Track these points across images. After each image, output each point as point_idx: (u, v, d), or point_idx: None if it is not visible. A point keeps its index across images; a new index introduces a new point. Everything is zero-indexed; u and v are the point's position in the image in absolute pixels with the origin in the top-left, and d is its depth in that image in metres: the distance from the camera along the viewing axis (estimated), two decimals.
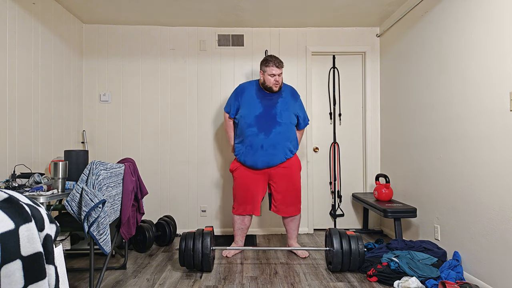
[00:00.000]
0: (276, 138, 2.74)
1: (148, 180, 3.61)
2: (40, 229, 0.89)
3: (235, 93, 2.92)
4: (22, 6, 2.61)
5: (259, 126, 2.75)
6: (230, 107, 2.91)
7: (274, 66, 2.74)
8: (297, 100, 2.94)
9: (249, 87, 2.89)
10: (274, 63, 2.75)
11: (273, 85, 2.78)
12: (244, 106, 2.83)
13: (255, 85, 2.90)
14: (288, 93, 2.89)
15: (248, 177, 2.82)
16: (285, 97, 2.86)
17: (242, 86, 2.93)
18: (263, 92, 2.84)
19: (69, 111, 3.31)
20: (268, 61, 2.77)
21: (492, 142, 2.07)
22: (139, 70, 3.65)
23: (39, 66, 2.83)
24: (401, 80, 3.24)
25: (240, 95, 2.88)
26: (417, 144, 2.95)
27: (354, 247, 2.42)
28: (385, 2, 3.13)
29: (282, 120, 2.77)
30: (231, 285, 2.29)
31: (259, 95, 2.84)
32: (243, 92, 2.87)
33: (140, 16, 3.40)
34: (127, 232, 2.43)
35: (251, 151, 2.75)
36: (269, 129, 2.74)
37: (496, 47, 2.05)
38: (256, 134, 2.74)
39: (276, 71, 2.75)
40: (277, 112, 2.78)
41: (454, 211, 2.44)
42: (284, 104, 2.82)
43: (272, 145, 2.73)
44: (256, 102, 2.81)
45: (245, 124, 2.79)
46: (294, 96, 2.92)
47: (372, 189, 3.73)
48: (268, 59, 2.78)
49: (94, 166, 2.03)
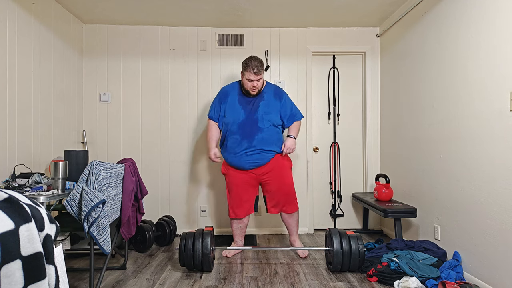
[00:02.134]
0: (259, 144, 2.71)
1: (148, 180, 3.61)
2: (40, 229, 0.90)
3: (219, 99, 2.86)
4: (22, 6, 2.61)
5: (241, 133, 2.72)
6: (214, 112, 2.87)
7: (252, 72, 2.65)
8: (281, 99, 2.83)
9: (232, 92, 2.83)
10: (253, 69, 2.65)
11: (250, 90, 2.72)
12: (227, 113, 2.79)
13: (237, 88, 2.84)
14: (270, 94, 2.81)
15: (239, 179, 2.80)
16: (267, 99, 2.78)
17: (225, 91, 2.87)
18: (245, 97, 2.79)
19: (69, 111, 3.31)
20: (247, 66, 2.68)
21: (492, 142, 2.07)
22: (139, 70, 3.65)
23: (39, 66, 2.83)
24: (401, 80, 3.24)
25: (223, 101, 2.83)
26: (417, 144, 2.95)
27: (354, 247, 2.42)
28: (385, 2, 3.13)
29: (264, 125, 2.72)
30: (231, 285, 2.29)
31: (241, 100, 2.79)
32: (226, 98, 2.82)
33: (140, 16, 3.40)
34: (127, 232, 2.43)
35: (236, 157, 2.75)
36: (252, 136, 2.71)
37: (496, 47, 2.05)
38: (239, 141, 2.73)
39: (253, 77, 2.67)
40: (258, 117, 2.72)
41: (454, 211, 2.44)
42: (265, 107, 2.76)
43: (255, 151, 2.72)
44: (239, 109, 2.76)
45: (228, 131, 2.78)
46: (277, 96, 2.82)
47: (372, 189, 3.73)
48: (248, 63, 2.68)
49: (94, 166, 2.03)
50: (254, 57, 2.74)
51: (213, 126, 2.89)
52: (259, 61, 2.71)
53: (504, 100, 1.98)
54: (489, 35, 2.10)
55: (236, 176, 2.81)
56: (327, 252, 2.61)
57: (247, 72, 2.67)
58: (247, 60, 2.72)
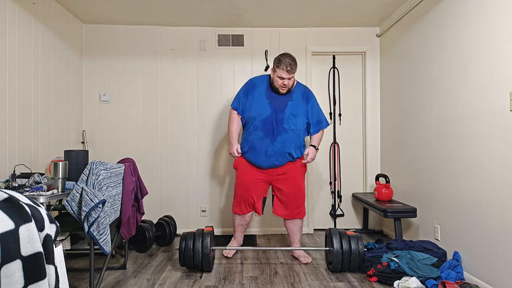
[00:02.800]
0: (281, 145, 2.62)
1: (148, 180, 3.61)
2: (40, 229, 0.89)
3: (245, 90, 2.75)
4: (22, 6, 2.61)
5: (265, 131, 2.62)
6: (239, 104, 2.74)
7: (285, 70, 2.53)
8: (309, 101, 2.72)
9: (260, 85, 2.72)
10: (286, 67, 2.53)
11: (279, 87, 2.61)
12: (252, 106, 2.68)
13: (266, 82, 2.73)
14: (299, 95, 2.70)
15: (252, 176, 2.71)
16: (296, 99, 2.68)
17: (253, 83, 2.76)
18: (273, 93, 2.68)
19: (69, 111, 3.31)
20: (280, 62, 2.55)
21: (493, 142, 2.07)
22: (139, 70, 3.65)
23: (39, 66, 2.83)
24: (401, 80, 3.24)
25: (250, 93, 2.71)
26: (417, 144, 2.95)
27: (354, 247, 2.42)
28: (385, 2, 3.13)
29: (289, 127, 2.63)
30: (231, 285, 2.29)
31: (269, 95, 2.67)
32: (254, 90, 2.71)
33: (140, 16, 3.40)
34: (127, 232, 2.43)
35: (254, 154, 2.67)
36: (275, 136, 2.61)
37: (496, 47, 2.05)
38: (261, 138, 2.63)
39: (285, 75, 2.55)
40: (284, 118, 2.62)
41: (454, 211, 2.44)
42: (293, 108, 2.65)
43: (277, 152, 2.63)
44: (265, 104, 2.65)
45: (251, 126, 2.68)
46: (305, 98, 2.72)
47: (372, 189, 3.73)
48: (281, 60, 2.56)
49: (94, 166, 2.03)
50: (287, 54, 2.60)
51: (235, 119, 2.77)
52: (293, 59, 2.58)
53: (504, 100, 1.98)
54: (489, 35, 2.10)
55: (250, 172, 2.72)
56: (327, 252, 2.61)
57: (279, 69, 2.55)
58: (280, 57, 2.59)
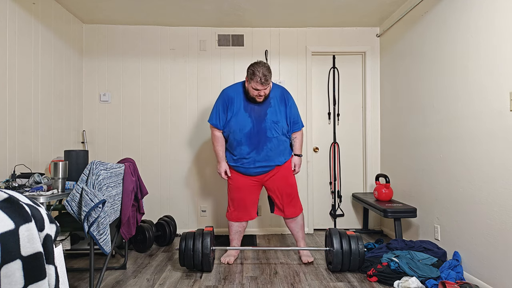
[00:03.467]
0: (268, 154, 2.61)
1: (148, 180, 3.61)
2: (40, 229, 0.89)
3: (222, 104, 2.63)
4: (22, 6, 2.61)
5: (249, 144, 2.59)
6: (218, 120, 2.64)
7: (259, 82, 2.44)
8: (288, 103, 2.66)
9: (236, 97, 2.62)
10: (260, 79, 2.42)
11: (256, 97, 2.53)
12: (232, 121, 2.60)
13: (241, 93, 2.63)
14: (276, 99, 2.63)
15: (242, 183, 2.70)
16: (274, 105, 2.61)
17: (228, 96, 2.63)
18: (250, 103, 2.60)
19: (69, 111, 3.31)
20: (254, 74, 2.44)
21: (492, 142, 2.07)
22: (139, 70, 3.65)
23: (39, 66, 2.83)
24: (401, 80, 3.24)
25: (229, 107, 2.61)
26: (417, 144, 2.95)
27: (354, 247, 2.42)
28: (385, 2, 3.13)
29: (273, 135, 2.59)
30: (231, 285, 2.29)
31: (247, 107, 2.59)
32: (231, 104, 2.61)
33: (140, 16, 3.40)
34: (127, 232, 2.43)
35: (243, 167, 2.66)
36: (260, 147, 2.59)
37: (496, 47, 2.05)
38: (248, 152, 2.61)
39: (260, 87, 2.46)
40: (267, 126, 2.57)
41: (454, 211, 2.44)
42: (273, 114, 2.59)
43: (264, 161, 2.63)
44: (245, 117, 2.58)
45: (234, 140, 2.62)
46: (283, 101, 2.66)
47: (372, 189, 3.73)
48: (255, 72, 2.44)
49: (94, 166, 2.03)
50: (261, 63, 2.49)
51: (219, 137, 2.69)
52: (267, 68, 2.47)
53: (504, 100, 1.98)
54: (489, 34, 2.10)
55: (240, 180, 2.71)
56: (327, 252, 2.61)
57: (253, 81, 2.45)
58: (254, 67, 2.47)
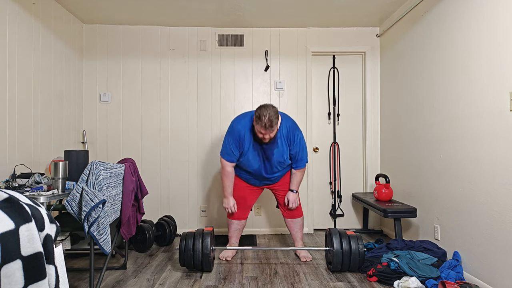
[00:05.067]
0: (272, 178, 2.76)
1: (148, 180, 3.61)
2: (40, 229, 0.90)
3: (234, 141, 2.59)
4: (22, 6, 2.61)
5: (256, 175, 2.73)
6: (233, 156, 2.61)
7: (263, 127, 2.39)
8: (293, 142, 2.60)
9: (246, 134, 2.58)
10: (265, 125, 2.37)
11: (261, 138, 2.49)
12: (243, 157, 2.63)
13: (249, 131, 2.58)
14: (283, 139, 2.58)
15: (246, 185, 2.82)
16: (281, 145, 2.58)
17: (239, 133, 2.58)
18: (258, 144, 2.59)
19: (69, 111, 3.31)
20: (259, 119, 2.38)
21: (492, 142, 2.07)
22: (139, 70, 3.65)
23: (39, 66, 2.83)
24: (401, 80, 3.24)
25: (241, 145, 2.60)
26: (417, 144, 2.95)
27: (354, 247, 2.42)
28: (385, 2, 3.13)
29: (278, 169, 2.69)
30: (231, 285, 2.29)
31: (255, 146, 2.59)
32: (242, 142, 2.59)
33: (140, 16, 3.40)
34: (127, 232, 2.43)
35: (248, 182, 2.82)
36: (265, 176, 2.72)
37: (496, 47, 2.05)
38: (253, 178, 2.77)
39: (263, 131, 2.42)
40: (272, 164, 2.64)
41: (454, 211, 2.44)
42: (279, 155, 2.60)
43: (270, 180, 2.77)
44: (254, 156, 2.61)
45: (241, 168, 2.73)
46: (289, 140, 2.60)
47: (372, 189, 3.73)
48: (260, 117, 2.37)
49: (94, 166, 2.03)
50: (268, 108, 2.39)
51: (230, 173, 2.67)
52: (274, 113, 2.38)
53: (504, 100, 1.98)
54: (490, 34, 2.10)
55: (243, 183, 2.83)
56: (327, 252, 2.61)
57: (258, 125, 2.41)
58: (260, 111, 2.39)
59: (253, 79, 3.71)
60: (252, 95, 3.70)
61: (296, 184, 2.76)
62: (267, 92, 3.71)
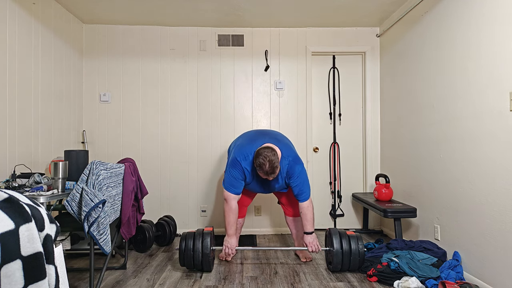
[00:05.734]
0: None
1: (148, 180, 3.61)
2: (40, 229, 0.90)
3: (241, 174, 2.53)
4: (22, 6, 2.61)
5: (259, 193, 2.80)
6: (238, 189, 2.54)
7: (265, 174, 2.39)
8: (292, 178, 2.54)
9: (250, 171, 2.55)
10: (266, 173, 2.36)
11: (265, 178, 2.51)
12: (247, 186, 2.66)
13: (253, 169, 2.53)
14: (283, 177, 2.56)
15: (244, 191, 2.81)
16: (281, 181, 2.59)
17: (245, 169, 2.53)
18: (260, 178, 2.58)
19: (69, 111, 3.31)
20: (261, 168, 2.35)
21: (492, 142, 2.07)
22: (139, 70, 3.65)
23: (39, 66, 2.83)
24: (401, 80, 3.24)
25: (246, 178, 2.56)
26: (417, 144, 2.95)
27: (354, 247, 2.42)
28: (385, 2, 3.13)
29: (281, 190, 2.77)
30: (231, 285, 2.29)
31: (258, 179, 2.60)
32: (247, 176, 2.55)
33: (140, 16, 3.40)
34: (127, 232, 2.43)
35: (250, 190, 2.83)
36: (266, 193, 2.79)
37: (496, 47, 2.05)
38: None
39: (266, 176, 2.42)
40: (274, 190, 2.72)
41: (454, 211, 2.44)
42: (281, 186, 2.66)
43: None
44: (257, 186, 2.66)
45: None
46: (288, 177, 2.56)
47: (372, 189, 3.73)
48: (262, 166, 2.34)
49: (94, 166, 2.03)
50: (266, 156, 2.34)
51: (234, 208, 2.55)
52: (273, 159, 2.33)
53: (504, 100, 1.98)
54: (489, 35, 2.10)
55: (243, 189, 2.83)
56: (327, 252, 2.61)
57: (260, 172, 2.40)
58: (262, 159, 2.33)
59: (253, 79, 3.71)
60: (252, 95, 3.70)
61: (309, 224, 2.56)
62: (267, 92, 3.71)
